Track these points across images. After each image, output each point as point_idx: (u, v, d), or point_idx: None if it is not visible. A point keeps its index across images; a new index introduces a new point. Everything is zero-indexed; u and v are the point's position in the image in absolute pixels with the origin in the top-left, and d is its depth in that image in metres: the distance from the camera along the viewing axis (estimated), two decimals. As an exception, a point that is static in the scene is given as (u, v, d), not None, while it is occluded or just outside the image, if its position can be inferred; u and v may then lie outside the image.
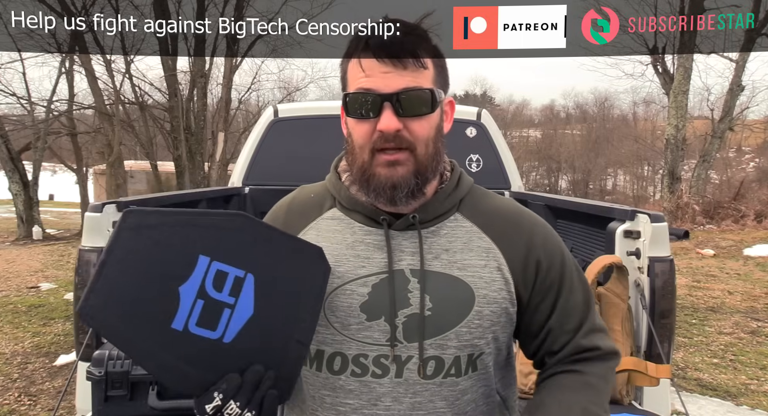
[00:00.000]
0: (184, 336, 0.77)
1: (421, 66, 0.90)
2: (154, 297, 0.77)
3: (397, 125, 0.88)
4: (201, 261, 0.79)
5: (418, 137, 0.90)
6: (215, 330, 0.79)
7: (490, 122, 4.00)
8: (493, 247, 0.96)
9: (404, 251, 0.94)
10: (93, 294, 0.75)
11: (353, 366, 0.92)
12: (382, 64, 0.89)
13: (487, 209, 1.00)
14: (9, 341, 5.35)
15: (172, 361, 0.77)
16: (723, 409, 3.85)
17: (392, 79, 0.88)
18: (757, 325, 5.86)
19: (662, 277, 2.19)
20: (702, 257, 9.64)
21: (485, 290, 0.93)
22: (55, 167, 27.80)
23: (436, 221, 0.97)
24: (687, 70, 14.60)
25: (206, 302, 0.79)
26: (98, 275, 0.75)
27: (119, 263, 0.76)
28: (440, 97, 0.94)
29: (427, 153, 0.92)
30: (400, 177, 0.90)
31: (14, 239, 13.65)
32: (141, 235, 0.78)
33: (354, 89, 0.91)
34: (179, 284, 0.78)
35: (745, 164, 35.02)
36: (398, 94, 0.88)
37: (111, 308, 0.75)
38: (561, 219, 3.32)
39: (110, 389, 1.88)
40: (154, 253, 0.77)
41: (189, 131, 16.23)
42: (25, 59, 15.84)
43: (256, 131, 3.90)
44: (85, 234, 2.27)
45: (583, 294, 1.00)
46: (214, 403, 0.78)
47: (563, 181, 42.07)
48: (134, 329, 0.76)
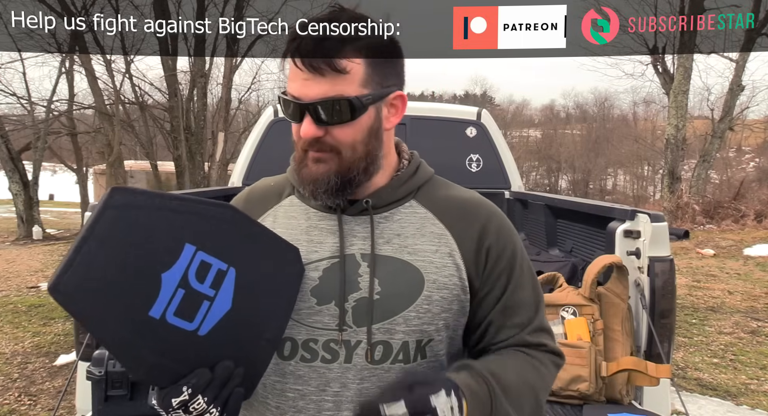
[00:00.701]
0: (161, 325, 0.73)
1: (340, 71, 0.86)
2: (134, 281, 0.72)
3: (315, 132, 0.88)
4: (186, 249, 0.76)
5: (341, 141, 0.90)
6: (192, 322, 0.76)
7: (490, 122, 4.01)
8: (446, 233, 0.96)
9: (356, 236, 0.94)
10: (70, 271, 0.69)
11: (303, 352, 0.92)
12: (300, 70, 0.87)
13: (444, 197, 1.00)
14: (9, 341, 5.35)
15: (143, 350, 0.73)
16: (723, 409, 3.85)
17: (311, 87, 0.87)
18: (757, 325, 5.86)
19: (662, 277, 2.19)
20: (702, 257, 9.64)
21: (435, 276, 0.93)
22: (55, 167, 27.81)
23: (389, 207, 0.97)
24: (687, 70, 14.60)
25: (187, 292, 0.75)
26: (76, 252, 0.70)
27: (101, 241, 0.71)
28: (367, 101, 0.89)
29: (354, 156, 0.91)
30: (321, 174, 0.91)
31: (14, 239, 13.65)
32: (127, 215, 0.73)
33: (283, 92, 0.92)
34: (162, 270, 0.74)
35: (745, 163, 35.02)
36: (315, 104, 0.87)
37: (87, 288, 0.69)
38: (561, 219, 3.32)
39: (110, 389, 1.88)
40: (138, 236, 0.73)
41: (189, 131, 16.23)
42: (25, 59, 15.87)
43: (256, 131, 3.90)
44: (85, 234, 2.27)
45: (533, 292, 1.00)
46: (181, 397, 0.76)
47: (563, 181, 42.06)
48: (109, 312, 0.71)
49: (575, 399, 2.14)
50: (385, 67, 0.93)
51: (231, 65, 17.24)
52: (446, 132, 3.85)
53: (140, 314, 0.72)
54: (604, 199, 28.90)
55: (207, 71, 16.78)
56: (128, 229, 0.73)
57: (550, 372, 0.98)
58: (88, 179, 20.40)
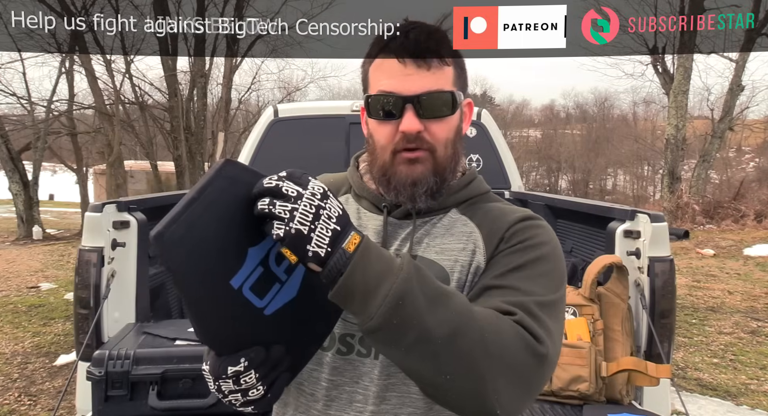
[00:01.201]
0: (236, 295, 0.77)
1: (443, 66, 0.92)
2: (226, 249, 0.76)
3: (418, 126, 0.89)
4: None
5: (438, 138, 0.92)
6: (262, 300, 0.80)
7: (490, 122, 4.01)
8: (475, 230, 0.96)
9: (397, 238, 0.97)
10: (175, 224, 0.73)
11: (339, 345, 0.94)
12: (403, 65, 0.90)
13: (485, 206, 1.00)
14: (9, 341, 5.35)
15: (215, 314, 0.77)
16: (723, 409, 3.85)
17: (414, 81, 0.90)
18: (757, 325, 5.86)
19: (662, 277, 2.19)
20: (702, 257, 9.64)
21: (460, 274, 0.92)
22: (55, 167, 27.81)
23: (432, 214, 0.98)
24: (687, 70, 14.60)
25: (264, 271, 0.80)
26: (185, 209, 0.74)
27: (207, 205, 0.75)
28: (460, 98, 0.95)
29: (446, 155, 0.93)
30: (420, 174, 0.92)
31: (14, 239, 13.65)
32: (233, 187, 0.77)
33: (376, 91, 0.93)
34: (251, 245, 0.79)
35: (745, 163, 35.02)
36: (420, 97, 0.89)
37: (185, 243, 0.74)
38: (561, 219, 3.32)
39: (110, 389, 1.88)
40: (239, 208, 0.77)
41: (189, 131, 16.23)
42: (25, 59, 15.87)
43: (256, 131, 3.90)
44: (85, 234, 2.28)
45: (542, 291, 0.87)
46: (237, 367, 0.77)
47: (563, 181, 42.06)
48: (196, 271, 0.75)
49: (575, 399, 2.14)
50: (462, 74, 0.97)
51: (231, 65, 17.25)
52: (446, 132, 3.84)
53: (223, 280, 0.76)
54: (604, 199, 28.91)
55: (207, 71, 16.78)
56: (231, 201, 0.77)
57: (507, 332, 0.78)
58: (88, 179, 20.40)
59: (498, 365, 0.75)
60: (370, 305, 0.73)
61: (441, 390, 0.77)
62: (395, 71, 0.90)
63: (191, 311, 0.77)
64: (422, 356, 0.74)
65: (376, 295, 0.73)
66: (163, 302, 2.79)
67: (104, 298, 2.22)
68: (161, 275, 2.73)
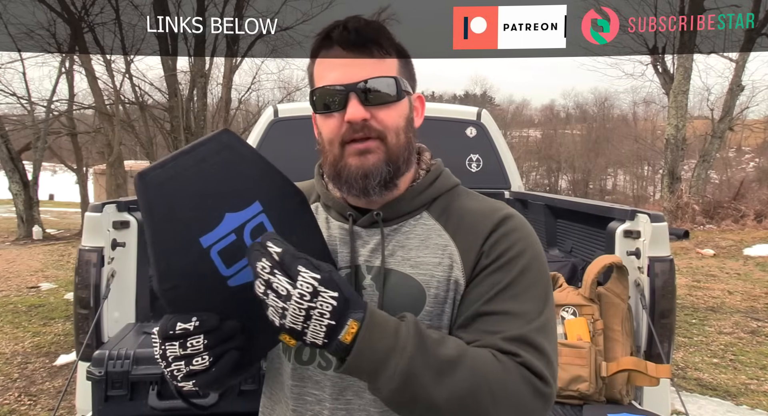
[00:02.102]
0: (203, 254, 0.78)
1: (385, 56, 0.91)
2: (203, 207, 0.79)
3: (363, 113, 0.87)
4: (255, 205, 0.83)
5: (387, 125, 0.90)
6: (228, 268, 0.80)
7: (490, 122, 4.00)
8: (450, 243, 0.92)
9: (365, 247, 0.94)
10: (161, 169, 0.77)
11: (320, 359, 0.93)
12: (344, 57, 0.89)
13: (458, 208, 0.96)
14: (9, 341, 5.35)
15: (178, 266, 0.78)
16: (723, 409, 3.85)
17: (355, 70, 0.88)
18: (757, 325, 5.86)
19: (662, 277, 2.19)
20: (702, 257, 9.64)
21: (436, 290, 0.89)
22: (55, 167, 27.81)
23: (400, 219, 0.95)
24: (687, 70, 14.60)
25: (237, 240, 0.80)
26: (173, 159, 0.79)
27: (196, 161, 0.79)
28: (406, 86, 0.93)
29: (398, 142, 0.91)
30: (372, 165, 0.89)
31: (14, 239, 13.65)
32: (225, 152, 0.81)
33: (319, 85, 0.92)
34: (229, 210, 0.80)
35: (745, 163, 35.02)
36: (362, 83, 0.88)
37: (165, 188, 0.77)
38: (561, 219, 3.32)
39: (110, 389, 1.88)
40: (226, 173, 0.81)
41: (189, 131, 16.23)
42: (25, 59, 15.87)
43: (256, 131, 3.90)
44: (85, 234, 2.28)
45: (530, 306, 0.86)
46: (188, 324, 0.75)
47: (563, 181, 42.06)
48: (171, 218, 0.77)
49: (575, 399, 2.14)
50: (408, 68, 0.97)
51: (231, 65, 17.24)
52: (446, 132, 3.85)
53: (193, 234, 0.78)
54: (604, 199, 28.91)
55: (207, 71, 16.78)
56: (221, 164, 0.81)
57: (512, 380, 0.79)
58: (88, 179, 20.39)
59: (506, 413, 0.78)
60: (378, 381, 0.75)
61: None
62: (336, 64, 0.90)
63: (154, 256, 0.78)
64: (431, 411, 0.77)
65: (384, 371, 0.75)
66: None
67: (104, 298, 2.22)
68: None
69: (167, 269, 0.78)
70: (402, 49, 0.95)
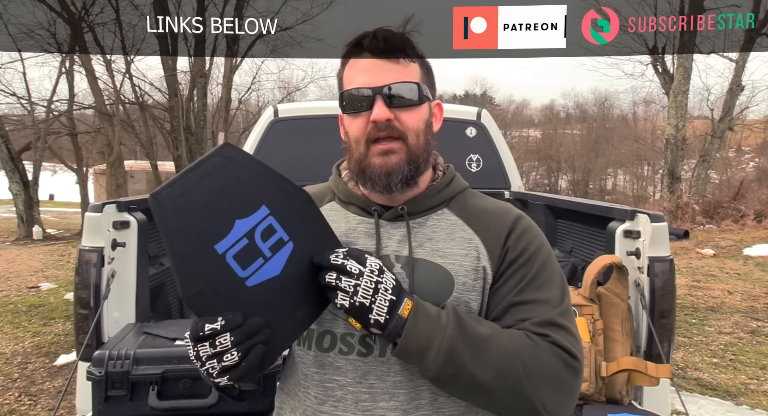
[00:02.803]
0: (219, 260, 0.85)
1: (409, 63, 0.99)
2: (214, 216, 0.85)
3: (388, 114, 0.96)
4: (262, 210, 0.89)
5: (408, 127, 0.98)
6: (245, 270, 0.86)
7: (490, 122, 4.00)
8: (475, 237, 1.01)
9: (391, 239, 1.01)
10: (171, 187, 0.84)
11: (341, 345, 0.97)
12: (372, 61, 0.98)
13: (474, 207, 1.06)
14: (9, 341, 5.35)
15: (198, 274, 0.84)
16: (723, 409, 3.86)
17: (382, 74, 0.97)
18: (757, 325, 5.87)
19: (662, 277, 2.19)
20: (702, 257, 9.64)
21: (464, 278, 0.98)
22: (55, 167, 27.81)
23: (423, 213, 1.03)
24: (687, 70, 14.60)
25: (249, 243, 0.87)
26: (181, 177, 0.86)
27: (201, 176, 0.86)
28: (427, 92, 1.01)
29: (418, 143, 0.99)
30: (394, 164, 0.97)
31: (14, 239, 13.65)
32: (228, 165, 0.88)
33: (348, 88, 1.00)
34: (238, 217, 0.87)
35: (745, 163, 35.03)
36: (388, 87, 0.97)
37: (177, 204, 0.84)
38: (561, 219, 3.32)
39: (110, 389, 1.88)
40: (231, 184, 0.87)
41: (189, 131, 16.23)
42: (25, 59, 15.87)
43: (256, 131, 3.90)
44: (85, 234, 2.28)
45: (553, 294, 0.97)
46: (214, 325, 0.81)
47: (563, 181, 42.06)
48: (185, 231, 0.84)
49: (575, 399, 2.14)
50: (429, 77, 1.05)
51: (231, 65, 17.24)
52: (446, 132, 3.83)
53: (207, 243, 0.85)
54: (604, 199, 28.91)
55: (207, 71, 16.78)
56: (225, 175, 0.87)
57: (545, 355, 0.91)
58: (88, 179, 20.39)
59: (541, 385, 0.89)
60: (425, 361, 0.87)
61: (498, 412, 0.92)
62: (365, 68, 0.98)
63: (175, 267, 0.84)
64: (476, 394, 0.89)
65: (429, 352, 0.87)
66: (163, 302, 2.79)
67: (104, 298, 2.22)
68: (161, 276, 2.73)
69: (188, 278, 0.84)
70: (425, 59, 1.03)
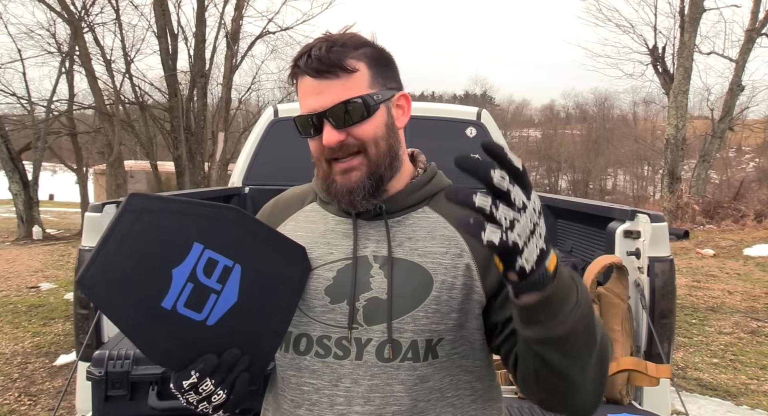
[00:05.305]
0: (172, 315, 0.82)
1: (351, 74, 0.94)
2: (149, 276, 0.82)
3: (337, 137, 0.93)
4: (195, 248, 0.85)
5: (365, 138, 0.95)
6: (200, 312, 0.84)
7: (490, 122, 4.01)
8: (456, 235, 0.98)
9: (370, 239, 0.99)
10: (93, 266, 0.79)
11: (317, 347, 0.96)
12: (313, 84, 0.94)
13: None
14: (9, 341, 5.35)
15: (158, 337, 0.82)
16: (723, 409, 3.86)
17: (324, 97, 0.93)
18: (757, 325, 5.87)
19: (662, 277, 2.19)
20: (702, 257, 9.64)
21: (444, 276, 0.95)
22: (55, 167, 27.81)
23: (402, 212, 1.01)
24: (687, 70, 14.60)
25: (195, 286, 0.84)
26: (99, 250, 0.80)
27: (120, 241, 0.81)
28: (377, 99, 0.96)
29: (379, 151, 0.96)
30: (354, 183, 0.96)
31: (14, 239, 13.64)
32: (143, 217, 0.83)
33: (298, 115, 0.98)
34: (173, 266, 0.83)
35: (745, 163, 35.04)
36: (331, 109, 0.93)
37: (108, 281, 0.79)
38: (561, 219, 3.33)
39: (110, 389, 1.88)
40: (153, 235, 0.83)
41: (189, 131, 16.22)
42: (25, 59, 15.87)
43: (256, 131, 3.90)
44: (85, 234, 2.28)
45: None
46: (190, 380, 0.83)
47: (563, 181, 42.08)
48: (127, 302, 0.80)
49: (575, 399, 2.14)
50: (385, 72, 0.99)
51: (231, 65, 17.23)
52: (446, 132, 3.85)
53: (154, 304, 0.81)
54: (604, 199, 28.91)
55: (207, 71, 16.76)
56: (144, 230, 0.82)
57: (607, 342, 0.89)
58: (88, 179, 20.37)
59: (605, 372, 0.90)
60: (560, 313, 0.77)
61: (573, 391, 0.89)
62: (308, 91, 0.95)
63: (133, 340, 0.82)
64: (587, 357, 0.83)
65: (566, 304, 0.77)
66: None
67: (104, 298, 2.22)
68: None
69: (149, 344, 0.83)
70: (376, 54, 0.97)
